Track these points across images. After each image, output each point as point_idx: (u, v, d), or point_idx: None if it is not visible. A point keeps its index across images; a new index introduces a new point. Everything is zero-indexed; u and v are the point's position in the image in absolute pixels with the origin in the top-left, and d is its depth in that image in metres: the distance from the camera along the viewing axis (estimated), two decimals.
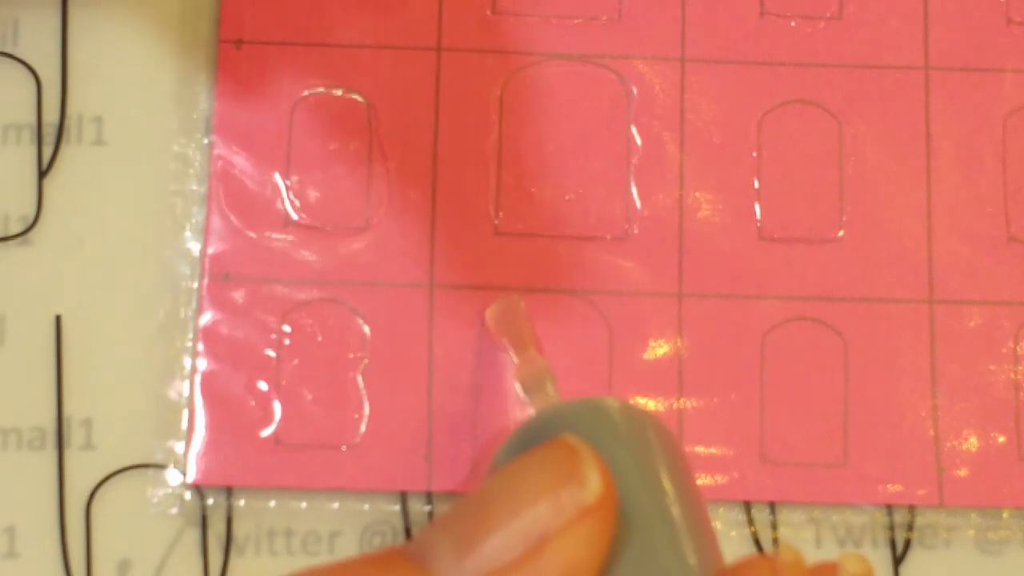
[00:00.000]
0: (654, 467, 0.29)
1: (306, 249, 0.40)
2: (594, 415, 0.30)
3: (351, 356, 0.39)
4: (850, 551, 0.36)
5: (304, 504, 0.39)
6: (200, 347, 0.39)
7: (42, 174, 0.40)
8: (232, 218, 0.40)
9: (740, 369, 0.40)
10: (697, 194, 0.41)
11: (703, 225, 0.40)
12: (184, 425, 0.39)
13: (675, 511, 0.28)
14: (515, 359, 0.37)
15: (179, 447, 0.39)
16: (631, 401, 0.31)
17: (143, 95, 0.41)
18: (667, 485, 0.28)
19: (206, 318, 0.39)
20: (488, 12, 0.41)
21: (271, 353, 0.39)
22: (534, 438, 0.29)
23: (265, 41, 0.41)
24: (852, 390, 0.40)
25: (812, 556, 0.39)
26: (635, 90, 0.41)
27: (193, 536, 0.39)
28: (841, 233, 0.41)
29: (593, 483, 0.25)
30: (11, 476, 0.39)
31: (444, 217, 0.40)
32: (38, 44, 0.41)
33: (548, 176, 0.41)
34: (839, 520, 0.39)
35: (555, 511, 0.25)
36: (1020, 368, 0.40)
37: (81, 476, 0.39)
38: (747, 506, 0.39)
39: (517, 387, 0.36)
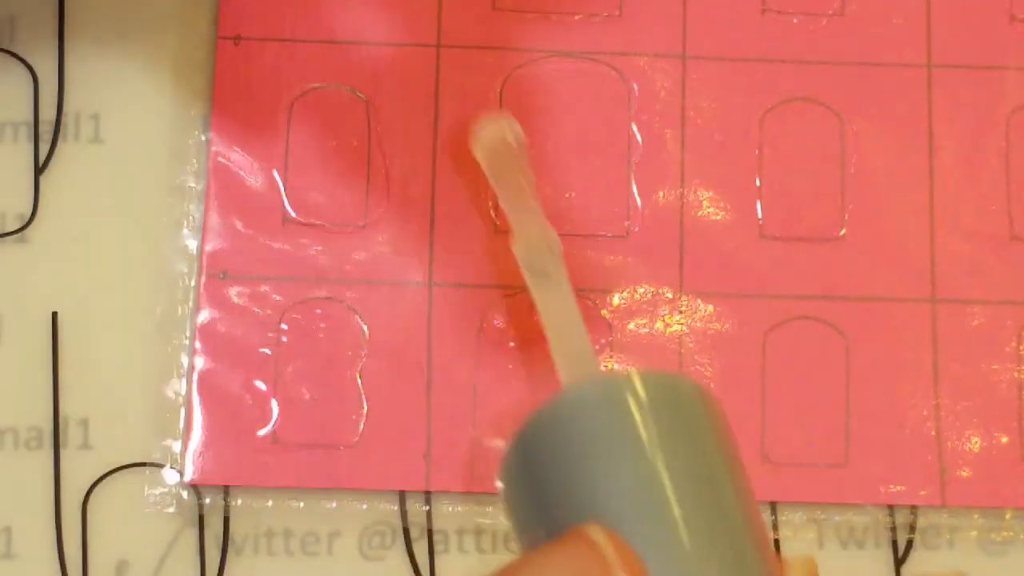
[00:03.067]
0: (693, 470, 0.26)
1: (304, 247, 0.40)
2: (618, 408, 0.26)
3: (349, 355, 0.39)
4: None
5: (302, 504, 0.39)
6: (197, 345, 0.39)
7: (39, 171, 0.40)
8: (230, 216, 0.40)
9: (741, 368, 0.40)
10: (698, 192, 0.40)
11: (704, 223, 0.40)
12: (181, 424, 0.39)
13: (715, 516, 0.25)
14: (510, 218, 0.32)
15: (176, 446, 0.39)
16: (659, 372, 0.28)
17: (141, 92, 0.41)
18: (712, 488, 0.26)
19: (203, 316, 0.39)
20: (488, 9, 0.41)
21: (269, 352, 0.39)
22: (545, 440, 0.26)
23: (263, 38, 0.41)
24: (854, 390, 0.40)
25: (815, 557, 0.39)
26: (636, 87, 0.41)
27: (191, 536, 0.39)
28: (843, 232, 0.40)
29: None
30: (8, 476, 0.39)
31: (443, 215, 0.40)
32: (35, 41, 0.41)
33: (548, 174, 0.40)
34: (841, 520, 0.39)
35: None
36: (1023, 368, 0.40)
37: (78, 476, 0.39)
38: None
39: (517, 257, 0.32)
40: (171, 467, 0.39)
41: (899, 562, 0.39)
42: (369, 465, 0.39)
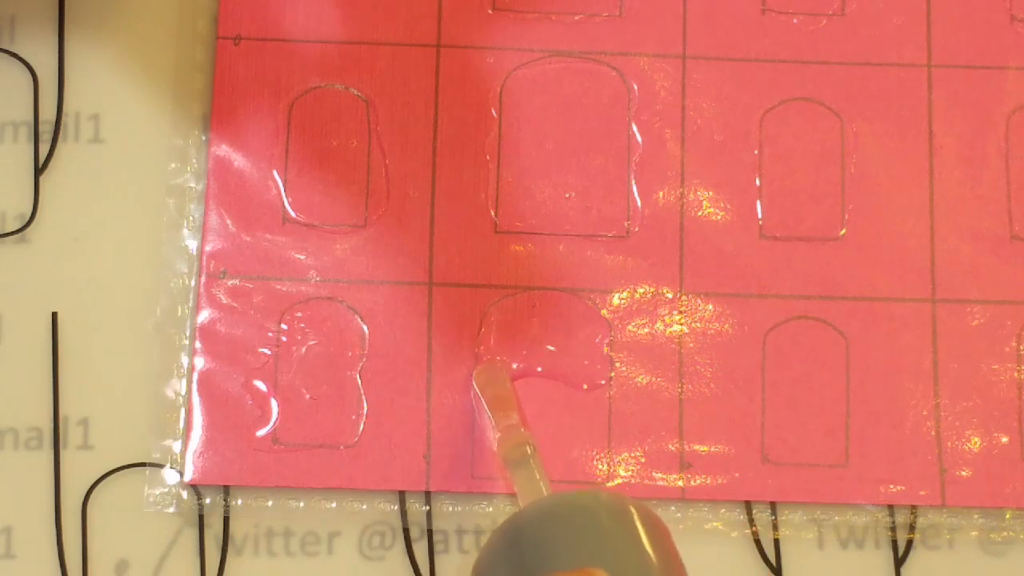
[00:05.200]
0: (644, 569, 0.31)
1: (304, 247, 0.40)
2: (582, 516, 0.32)
3: (349, 355, 0.39)
4: None
5: (302, 504, 0.39)
6: (197, 345, 0.39)
7: (39, 171, 0.40)
8: (230, 215, 0.40)
9: (741, 368, 0.40)
10: (698, 192, 0.40)
11: (704, 223, 0.40)
12: (181, 424, 0.39)
13: None
14: (496, 429, 0.37)
15: (176, 446, 0.39)
16: (616, 494, 0.34)
17: (141, 92, 0.41)
18: None
19: (203, 316, 0.39)
20: (488, 9, 0.41)
21: (268, 352, 0.39)
22: (524, 538, 0.31)
23: (263, 37, 0.41)
24: (854, 389, 0.40)
25: (815, 557, 0.39)
26: (636, 87, 0.41)
27: (191, 536, 0.39)
28: (843, 231, 0.40)
29: None
30: (8, 476, 0.39)
31: (443, 215, 0.40)
32: (35, 40, 0.41)
33: (548, 174, 0.40)
34: (841, 521, 0.39)
35: None
36: (1023, 367, 0.40)
37: (78, 476, 0.39)
38: (748, 506, 0.39)
39: (499, 453, 0.36)
40: (171, 467, 0.39)
41: (899, 562, 0.39)
42: (369, 465, 0.39)
